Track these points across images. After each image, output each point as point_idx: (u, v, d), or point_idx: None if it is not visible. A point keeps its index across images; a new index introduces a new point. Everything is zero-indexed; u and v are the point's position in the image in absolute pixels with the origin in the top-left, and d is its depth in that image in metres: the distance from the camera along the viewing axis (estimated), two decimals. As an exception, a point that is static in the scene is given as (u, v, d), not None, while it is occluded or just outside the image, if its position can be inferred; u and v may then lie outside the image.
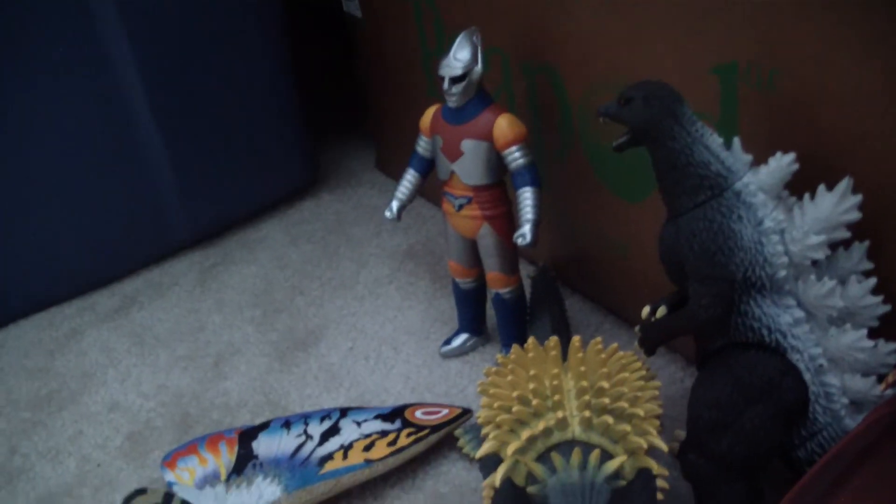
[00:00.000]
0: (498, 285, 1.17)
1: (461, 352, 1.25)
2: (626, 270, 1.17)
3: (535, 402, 0.84)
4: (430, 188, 1.20)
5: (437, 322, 1.32)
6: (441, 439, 1.09)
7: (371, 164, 1.80)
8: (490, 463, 0.88)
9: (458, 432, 1.09)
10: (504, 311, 1.19)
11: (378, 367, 1.25)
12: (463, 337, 1.25)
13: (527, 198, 1.08)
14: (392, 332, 1.32)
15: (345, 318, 1.36)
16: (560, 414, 0.82)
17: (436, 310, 1.34)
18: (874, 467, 0.79)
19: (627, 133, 0.86)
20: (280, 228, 1.62)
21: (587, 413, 0.83)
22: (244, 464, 1.05)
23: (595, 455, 0.80)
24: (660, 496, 0.86)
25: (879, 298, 0.84)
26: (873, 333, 0.84)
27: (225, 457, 1.07)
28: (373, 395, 1.20)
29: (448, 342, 1.25)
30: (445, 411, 1.10)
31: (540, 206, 1.08)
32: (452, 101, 1.08)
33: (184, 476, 1.06)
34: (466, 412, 1.10)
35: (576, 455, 0.80)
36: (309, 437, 1.07)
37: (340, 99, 1.88)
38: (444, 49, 1.09)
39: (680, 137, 0.83)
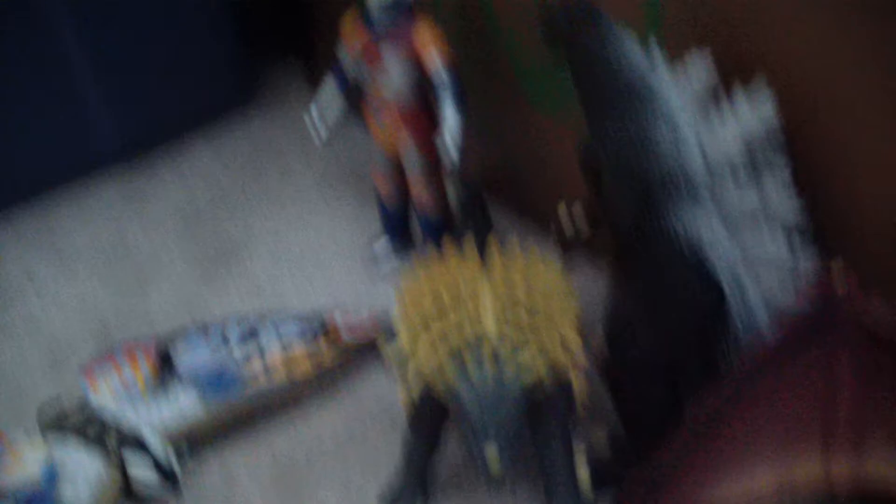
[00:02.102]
0: (423, 201, 1.16)
1: (387, 262, 1.23)
2: (547, 182, 1.16)
3: (448, 299, 0.83)
4: (361, 99, 1.18)
5: (363, 233, 1.30)
6: (364, 348, 1.08)
7: (304, 83, 1.77)
8: (406, 362, 0.87)
9: (380, 339, 1.08)
10: (429, 226, 1.18)
11: (302, 279, 1.24)
12: (389, 247, 1.24)
13: (449, 108, 1.06)
14: (317, 244, 1.30)
15: (269, 231, 1.34)
16: (473, 310, 0.81)
17: (363, 220, 1.32)
18: (788, 366, 0.79)
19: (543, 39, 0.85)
20: (208, 146, 1.58)
21: (500, 308, 0.82)
22: (162, 372, 1.03)
23: (507, 349, 0.79)
24: (577, 395, 0.87)
25: (795, 200, 0.84)
26: (791, 236, 0.84)
27: (143, 365, 1.04)
28: (297, 306, 1.18)
29: (374, 253, 1.24)
30: (366, 316, 1.09)
31: (463, 118, 1.06)
32: (374, 10, 1.06)
33: (101, 385, 1.04)
34: (389, 318, 1.09)
35: (486, 350, 0.79)
36: (227, 341, 1.05)
37: (275, 16, 1.83)
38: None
39: (593, 39, 0.82)
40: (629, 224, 0.85)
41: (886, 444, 0.78)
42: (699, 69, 0.82)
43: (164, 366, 1.04)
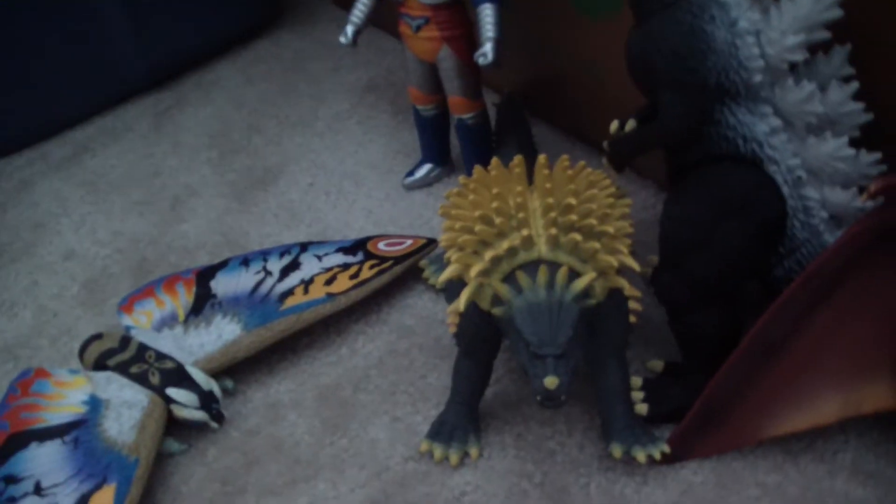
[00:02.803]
0: (460, 110, 1.12)
1: (425, 183, 1.20)
2: (596, 93, 1.12)
3: (498, 221, 0.79)
4: (391, 19, 1.13)
5: (399, 155, 1.27)
6: (406, 271, 1.05)
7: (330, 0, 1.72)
8: (454, 288, 0.84)
9: (422, 263, 1.06)
10: (468, 138, 1.14)
11: (339, 203, 1.21)
12: (426, 167, 1.20)
13: (487, 14, 1.01)
14: (353, 166, 1.27)
15: (304, 155, 1.31)
16: (525, 232, 0.78)
17: (398, 143, 1.29)
18: (854, 283, 0.77)
19: None
20: (236, 68, 1.55)
21: (554, 231, 0.78)
22: (202, 304, 1.02)
23: (563, 273, 0.76)
24: (632, 319, 0.84)
25: (861, 105, 0.79)
26: (855, 144, 0.80)
27: (183, 298, 1.03)
28: (334, 230, 1.16)
29: (411, 173, 1.21)
30: (409, 242, 1.06)
31: (500, 24, 1.02)
32: None
33: (141, 319, 1.02)
34: (431, 242, 1.07)
35: (542, 273, 0.76)
36: (268, 273, 1.03)
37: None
38: None
39: None
40: (684, 127, 0.81)
41: None
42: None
43: (206, 297, 1.02)
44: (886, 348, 0.78)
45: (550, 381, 0.74)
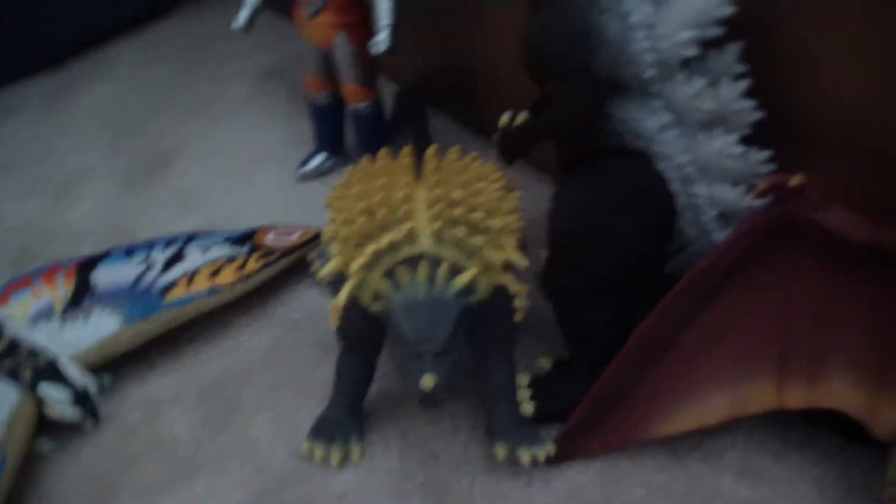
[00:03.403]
0: (355, 99, 1.10)
1: (318, 173, 1.18)
2: (492, 84, 1.11)
3: (381, 213, 0.77)
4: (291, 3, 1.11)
5: (295, 143, 1.24)
6: (293, 263, 1.03)
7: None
8: (340, 285, 0.81)
9: (311, 255, 1.03)
10: (361, 126, 1.13)
11: (232, 191, 1.18)
12: (320, 157, 1.18)
13: (383, 2, 1.00)
14: (248, 154, 1.24)
15: (199, 142, 1.28)
16: (409, 226, 0.76)
17: (294, 130, 1.26)
18: (741, 282, 0.77)
19: None
20: (134, 50, 1.52)
21: (438, 225, 0.76)
22: (82, 295, 0.98)
23: (444, 269, 0.74)
24: (519, 316, 0.82)
25: (751, 102, 0.78)
26: (745, 141, 0.79)
27: (61, 289, 0.99)
28: (225, 220, 1.13)
29: (305, 163, 1.19)
30: (298, 234, 1.04)
31: (397, 10, 1.00)
32: None
33: (16, 311, 0.98)
34: (320, 234, 1.04)
35: (422, 269, 0.74)
36: (151, 264, 1.00)
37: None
38: None
39: None
40: (575, 119, 0.79)
41: (842, 372, 0.76)
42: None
43: (85, 288, 0.99)
44: (772, 347, 0.77)
45: (428, 380, 0.72)
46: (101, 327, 0.94)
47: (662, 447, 0.83)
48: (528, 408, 0.85)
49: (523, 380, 0.86)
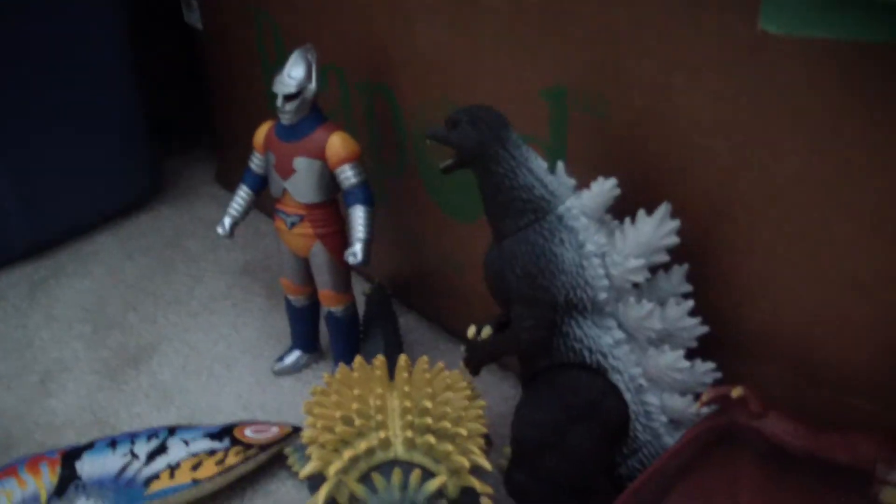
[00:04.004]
0: (330, 303, 1.17)
1: (294, 369, 1.24)
2: (460, 289, 1.19)
3: (358, 421, 0.84)
4: (270, 204, 1.19)
5: (271, 339, 1.30)
6: (270, 458, 1.08)
7: (212, 177, 1.78)
8: (317, 483, 0.87)
9: (287, 450, 1.08)
10: (336, 328, 1.19)
11: (210, 385, 1.24)
12: (296, 354, 1.24)
13: (359, 216, 1.08)
14: (226, 349, 1.30)
15: (178, 335, 1.34)
16: (383, 434, 0.83)
17: (271, 327, 1.33)
18: (691, 482, 0.82)
19: (455, 156, 0.87)
20: (116, 241, 1.58)
21: (410, 433, 0.83)
22: (66, 485, 1.02)
23: (416, 475, 0.81)
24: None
25: (697, 320, 0.87)
26: (692, 354, 0.87)
27: (46, 478, 1.03)
28: (204, 413, 1.18)
29: (281, 359, 1.25)
30: (276, 429, 1.09)
31: (372, 225, 1.08)
32: (286, 119, 1.08)
33: (1, 500, 1.02)
34: (297, 430, 1.10)
35: (396, 475, 0.80)
36: (135, 456, 1.04)
37: (184, 111, 1.84)
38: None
39: (505, 161, 0.84)
40: (534, 339, 0.87)
41: None
42: (606, 192, 0.84)
43: (70, 478, 1.03)
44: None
45: None
46: (86, 519, 0.99)
47: None
48: None
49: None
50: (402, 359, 0.91)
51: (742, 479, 0.81)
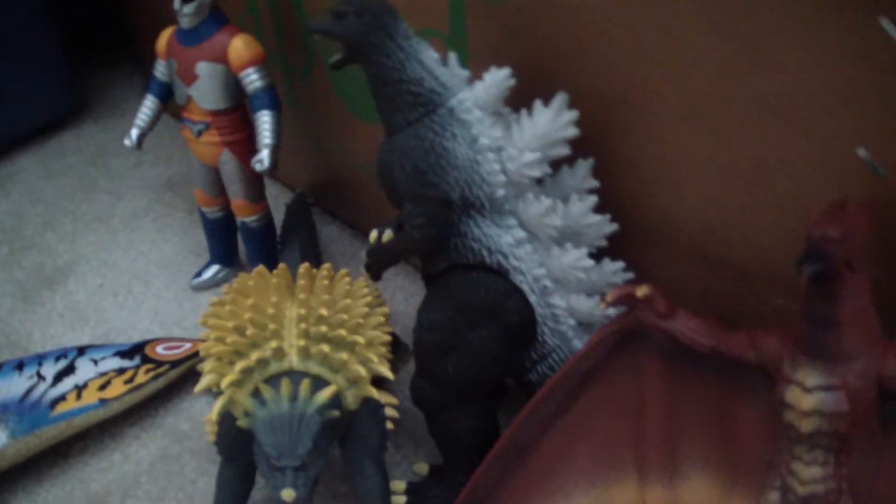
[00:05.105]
0: (243, 213, 1.13)
1: (212, 283, 1.21)
2: (377, 194, 1.14)
3: (251, 331, 0.81)
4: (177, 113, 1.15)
5: (191, 254, 1.27)
6: (183, 374, 1.05)
7: (139, 91, 1.72)
8: (216, 395, 0.85)
9: (200, 366, 1.04)
10: (252, 239, 1.16)
11: (127, 303, 1.20)
12: (214, 268, 1.21)
13: (265, 122, 1.04)
14: (144, 266, 1.27)
15: (97, 254, 1.30)
16: (275, 344, 0.80)
17: (191, 241, 1.29)
18: (599, 386, 0.80)
19: (342, 49, 0.82)
20: (36, 162, 1.53)
21: (304, 342, 0.80)
22: (-30, 410, 0.99)
23: (305, 385, 0.78)
24: (390, 425, 0.85)
25: (603, 217, 0.83)
26: (600, 253, 0.84)
27: (-51, 404, 1.00)
28: (119, 332, 1.15)
29: (199, 274, 1.21)
30: (188, 345, 1.06)
31: (279, 130, 1.04)
32: (185, 22, 1.04)
33: None
34: (208, 345, 1.06)
35: (285, 385, 0.77)
36: (42, 378, 1.01)
37: (106, 23, 1.77)
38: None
39: (392, 53, 0.80)
40: (426, 239, 0.83)
41: (698, 471, 0.79)
42: (500, 83, 0.80)
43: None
44: (630, 448, 0.81)
45: (287, 494, 0.75)
46: (-11, 442, 0.96)
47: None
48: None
49: (400, 485, 0.89)
50: (303, 267, 0.87)
51: (649, 380, 0.79)
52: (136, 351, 1.05)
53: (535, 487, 0.83)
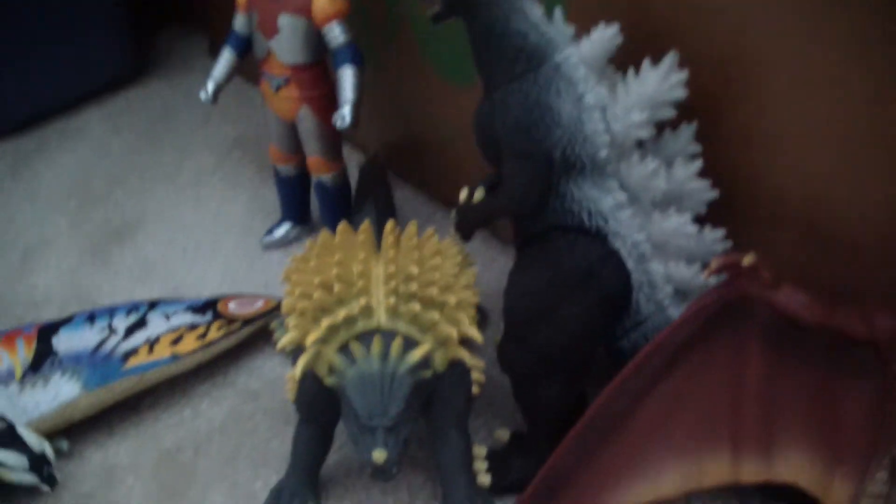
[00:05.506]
0: (319, 171, 1.11)
1: (283, 242, 1.19)
2: (456, 159, 1.12)
3: (338, 288, 0.78)
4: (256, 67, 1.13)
5: (260, 213, 1.25)
6: (255, 332, 1.04)
7: (206, 50, 1.70)
8: (298, 353, 0.82)
9: (273, 324, 1.04)
10: (326, 198, 1.14)
11: (196, 260, 1.19)
12: (286, 227, 1.19)
13: (347, 77, 1.01)
14: (213, 223, 1.25)
15: (165, 210, 1.28)
16: (364, 301, 0.77)
17: (261, 200, 1.27)
18: (696, 358, 0.77)
19: (441, 1, 0.79)
20: (102, 117, 1.52)
21: (393, 300, 0.78)
22: (42, 361, 0.97)
23: (397, 343, 0.75)
24: (476, 390, 0.83)
25: (706, 182, 0.80)
26: (701, 221, 0.81)
27: (21, 354, 0.99)
28: (189, 289, 1.13)
29: (270, 233, 1.19)
30: (261, 303, 1.04)
31: (361, 87, 1.02)
32: None
33: (-26, 377, 0.98)
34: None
35: (376, 343, 0.75)
36: (113, 331, 1.00)
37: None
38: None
39: (496, 5, 0.77)
40: (527, 198, 0.80)
41: (796, 448, 0.77)
42: (607, 41, 0.78)
43: (46, 354, 0.98)
44: (726, 422, 0.79)
45: (378, 455, 0.73)
46: (60, 393, 0.94)
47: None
48: (484, 479, 0.85)
49: (481, 451, 0.87)
50: (390, 224, 0.85)
51: (750, 354, 0.76)
52: (208, 307, 1.03)
53: (626, 460, 0.80)
